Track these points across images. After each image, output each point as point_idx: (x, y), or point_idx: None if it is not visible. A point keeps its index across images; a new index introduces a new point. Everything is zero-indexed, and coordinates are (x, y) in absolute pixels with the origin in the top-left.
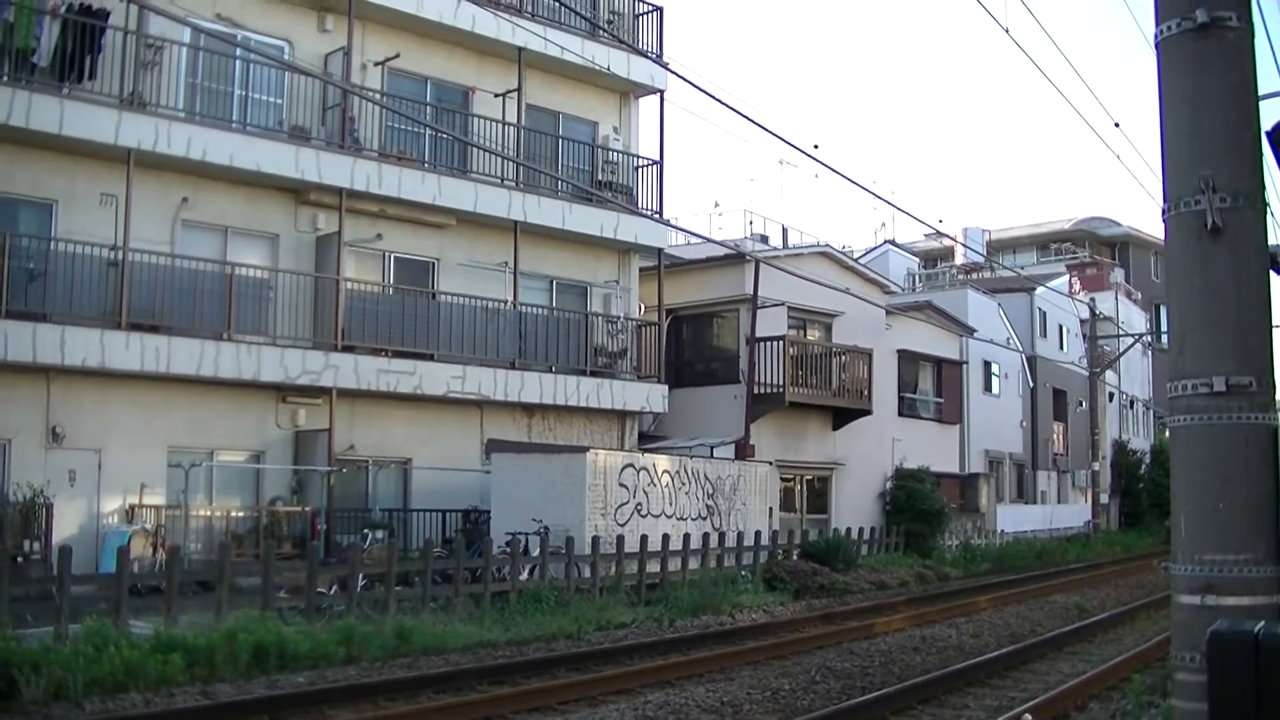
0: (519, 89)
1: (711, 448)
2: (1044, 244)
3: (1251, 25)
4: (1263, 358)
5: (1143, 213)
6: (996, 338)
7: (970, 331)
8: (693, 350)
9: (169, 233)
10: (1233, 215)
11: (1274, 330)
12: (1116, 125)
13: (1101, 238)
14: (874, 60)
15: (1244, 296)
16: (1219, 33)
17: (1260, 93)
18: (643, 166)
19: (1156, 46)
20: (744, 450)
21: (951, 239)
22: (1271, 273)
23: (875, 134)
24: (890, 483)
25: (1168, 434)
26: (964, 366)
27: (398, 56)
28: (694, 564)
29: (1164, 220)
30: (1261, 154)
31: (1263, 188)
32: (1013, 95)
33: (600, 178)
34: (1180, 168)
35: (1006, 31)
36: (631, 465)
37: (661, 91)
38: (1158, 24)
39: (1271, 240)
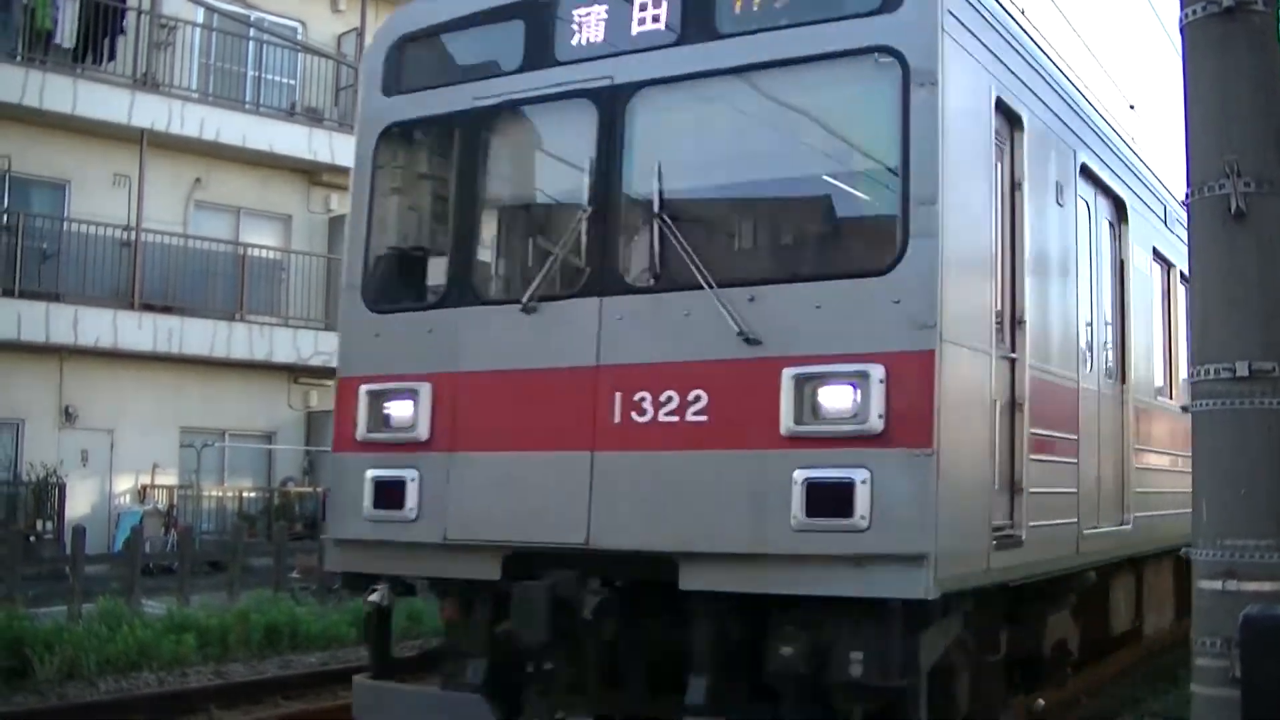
0: None
1: None
2: None
3: (1278, 10)
4: None
5: None
6: None
7: None
8: None
9: (182, 213)
10: (1257, 200)
11: None
12: (1132, 108)
13: None
14: None
15: (1267, 282)
16: (1245, 16)
17: None
18: None
19: (1181, 30)
20: None
21: None
22: None
23: None
24: None
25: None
26: None
27: None
28: None
29: (1186, 205)
30: None
31: None
32: None
33: None
34: (1204, 152)
35: (1023, 13)
36: None
37: None
38: (1183, 7)
39: None
